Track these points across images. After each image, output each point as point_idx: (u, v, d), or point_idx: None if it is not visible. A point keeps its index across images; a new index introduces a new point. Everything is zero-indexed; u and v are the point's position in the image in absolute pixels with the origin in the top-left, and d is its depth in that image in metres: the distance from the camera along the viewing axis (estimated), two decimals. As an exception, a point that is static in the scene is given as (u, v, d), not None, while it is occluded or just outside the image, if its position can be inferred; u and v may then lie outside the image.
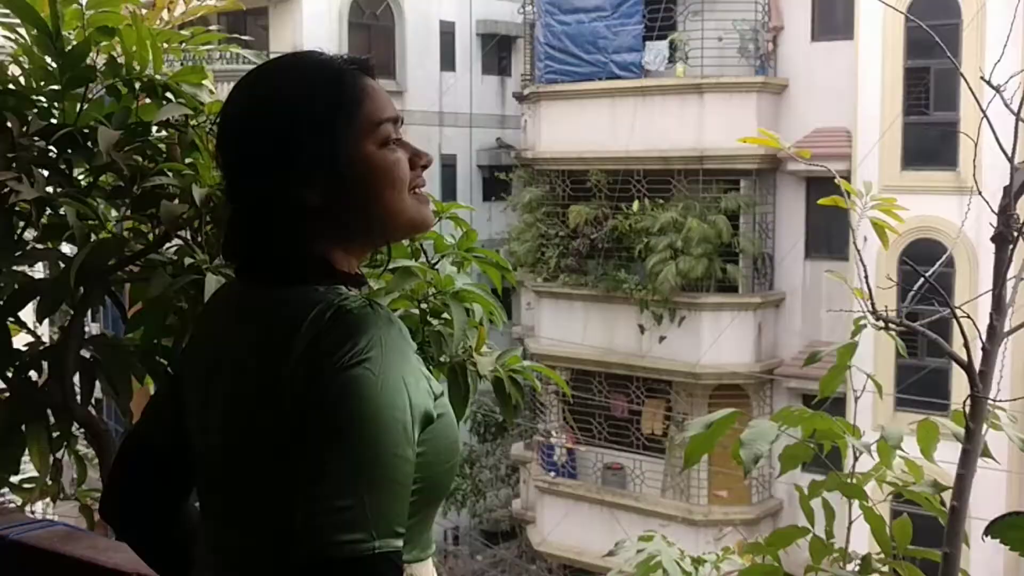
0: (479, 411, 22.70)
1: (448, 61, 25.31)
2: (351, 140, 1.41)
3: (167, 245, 2.91)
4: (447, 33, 25.33)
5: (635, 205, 17.69)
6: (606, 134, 18.07)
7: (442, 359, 2.61)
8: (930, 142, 15.08)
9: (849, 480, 2.17)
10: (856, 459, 2.22)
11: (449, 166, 25.13)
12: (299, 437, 1.30)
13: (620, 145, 17.85)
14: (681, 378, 17.41)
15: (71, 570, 2.21)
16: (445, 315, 2.64)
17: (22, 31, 2.96)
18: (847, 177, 15.38)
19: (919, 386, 14.33)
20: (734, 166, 17.10)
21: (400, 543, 1.28)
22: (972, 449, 1.93)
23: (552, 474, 19.26)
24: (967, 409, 1.96)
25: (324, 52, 1.49)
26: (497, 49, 26.32)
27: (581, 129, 18.38)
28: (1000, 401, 2.01)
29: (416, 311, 2.67)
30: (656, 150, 17.55)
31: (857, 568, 2.17)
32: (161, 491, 1.65)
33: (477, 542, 22.66)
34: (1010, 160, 2.04)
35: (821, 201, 2.57)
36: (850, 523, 2.24)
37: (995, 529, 0.78)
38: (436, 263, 2.83)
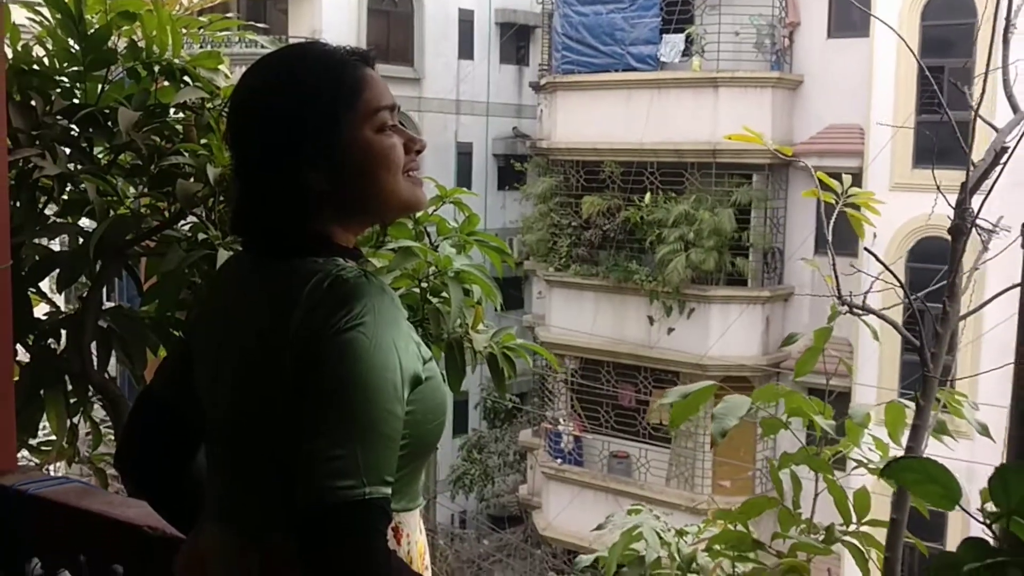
0: (488, 397, 22.86)
1: (466, 49, 25.37)
2: (351, 126, 1.53)
3: (182, 222, 3.04)
4: (466, 21, 25.38)
5: (647, 197, 17.76)
6: (621, 126, 18.14)
7: (440, 335, 2.74)
8: (942, 140, 15.08)
9: (815, 455, 2.30)
10: (825, 436, 2.35)
11: (465, 154, 25.23)
12: (298, 394, 1.43)
13: (635, 137, 17.92)
14: (689, 369, 17.49)
15: (87, 522, 2.34)
16: (444, 294, 2.77)
17: (46, 13, 3.09)
18: (859, 174, 15.45)
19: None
20: (747, 160, 17.15)
21: (389, 491, 1.41)
22: (922, 424, 2.06)
23: (559, 461, 19.40)
24: (919, 388, 2.09)
25: (327, 43, 1.62)
26: (515, 38, 26.37)
27: (596, 120, 18.46)
28: (949, 380, 2.14)
29: (417, 290, 2.80)
30: (670, 143, 17.61)
31: (821, 537, 2.31)
32: (171, 446, 1.78)
33: (484, 526, 22.85)
34: (967, 156, 2.16)
35: (804, 193, 2.69)
36: (816, 495, 2.37)
37: (890, 471, 0.90)
38: (438, 245, 2.96)
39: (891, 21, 15.62)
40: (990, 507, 0.86)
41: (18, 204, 2.83)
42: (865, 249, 2.44)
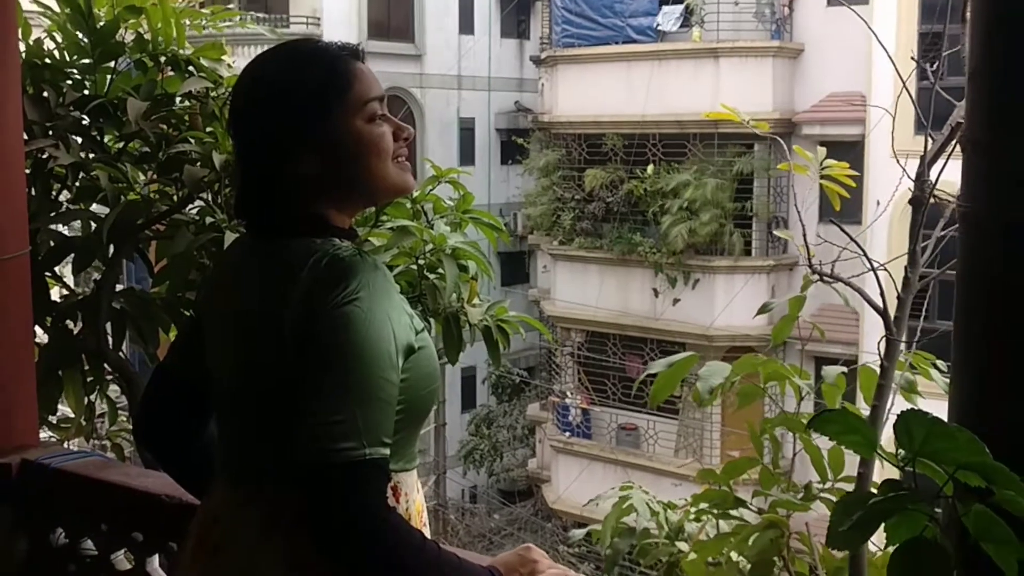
0: (495, 372, 23.03)
1: (467, 24, 25.33)
2: (343, 117, 1.67)
3: (189, 206, 3.18)
4: (466, -4, 25.36)
5: (650, 168, 17.83)
6: (622, 98, 18.18)
7: (437, 310, 2.88)
8: (941, 107, 15.10)
9: (795, 416, 2.43)
10: (802, 399, 2.49)
11: (467, 129, 25.25)
12: (300, 364, 1.57)
13: (636, 109, 17.96)
14: (694, 340, 17.60)
15: (107, 493, 2.48)
16: (440, 270, 2.90)
17: (55, 8, 3.21)
18: (861, 141, 15.49)
19: (930, 349, 14.47)
20: (748, 129, 17.15)
21: (387, 451, 1.55)
22: (885, 384, 2.19)
23: (567, 434, 19.56)
24: (881, 349, 2.22)
25: (320, 40, 1.76)
26: (516, 12, 26.31)
27: (598, 93, 18.50)
28: (904, 341, 2.28)
29: (414, 267, 2.93)
30: (672, 114, 17.64)
31: (801, 496, 2.45)
32: (185, 414, 1.92)
33: (494, 500, 23.04)
34: (926, 129, 2.28)
35: (781, 166, 2.80)
36: (794, 455, 2.50)
37: (815, 423, 1.02)
38: (434, 223, 3.09)
39: (890, -13, 15.63)
40: (903, 452, 0.99)
41: (33, 192, 2.96)
42: (831, 220, 2.55)
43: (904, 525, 0.95)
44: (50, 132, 2.92)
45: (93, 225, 3.21)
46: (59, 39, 3.25)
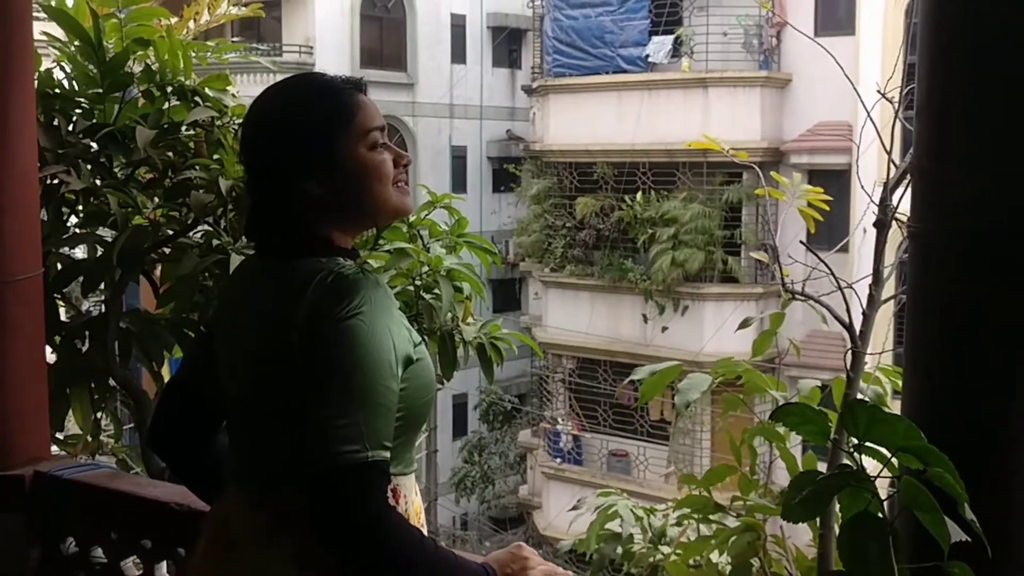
0: (487, 400, 23.09)
1: (459, 54, 25.59)
2: (347, 145, 1.81)
3: (194, 231, 3.31)
4: (458, 26, 25.60)
5: (639, 197, 18.02)
6: (613, 127, 18.41)
7: (433, 329, 3.01)
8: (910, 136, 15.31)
9: (773, 428, 2.56)
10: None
11: (459, 157, 25.44)
12: (307, 374, 1.69)
13: (626, 138, 18.18)
14: (685, 367, 17.66)
15: (117, 502, 2.59)
16: (436, 291, 3.04)
17: (60, 35, 3.36)
18: (848, 170, 15.69)
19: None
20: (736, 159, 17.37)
21: (388, 454, 1.68)
22: (851, 393, 2.33)
23: (558, 460, 19.63)
24: (847, 361, 2.36)
25: (326, 73, 1.90)
26: (507, 42, 26.59)
27: (588, 122, 18.72)
28: (871, 353, 2.41)
29: (411, 287, 3.07)
30: (661, 143, 17.86)
31: (777, 502, 2.58)
32: (195, 425, 2.05)
33: (486, 528, 23.05)
34: (888, 155, 2.43)
35: (758, 191, 2.95)
36: (771, 462, 2.62)
37: (777, 415, 1.15)
38: (430, 246, 3.23)
39: (876, 18, 15.90)
40: (854, 440, 1.12)
41: (45, 216, 3.08)
42: (800, 242, 2.70)
43: (851, 501, 1.08)
44: (61, 159, 3.05)
45: (99, 248, 3.34)
46: (68, 69, 3.38)
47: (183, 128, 3.23)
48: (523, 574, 1.85)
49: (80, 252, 3.72)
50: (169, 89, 3.21)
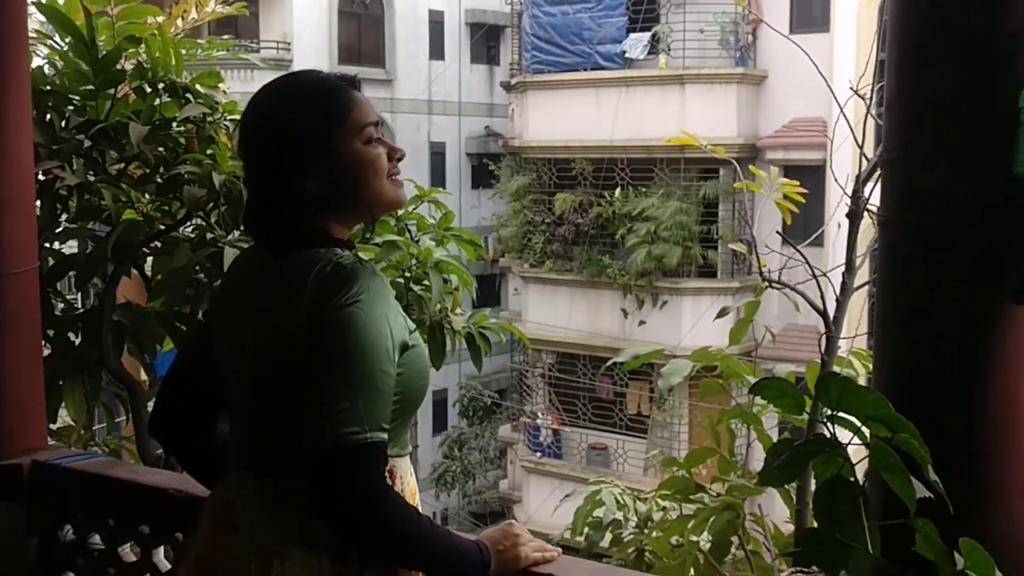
0: (467, 395, 23.16)
1: (437, 50, 25.58)
2: (343, 140, 1.88)
3: (184, 226, 3.37)
4: (436, 22, 25.59)
5: (618, 192, 18.14)
6: (591, 123, 18.50)
7: (423, 319, 3.09)
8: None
9: (750, 410, 2.66)
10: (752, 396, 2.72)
11: (438, 154, 25.45)
12: (308, 360, 1.77)
13: (604, 134, 18.28)
14: (663, 360, 17.81)
15: (116, 489, 2.64)
16: (425, 282, 3.12)
17: (56, 37, 3.41)
18: (823, 165, 15.85)
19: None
20: (713, 155, 17.50)
21: (385, 436, 1.76)
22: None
23: (538, 454, 19.73)
24: (822, 345, 2.46)
25: (321, 72, 1.97)
26: (486, 38, 26.62)
27: (567, 118, 18.81)
28: (844, 337, 2.52)
29: (401, 279, 3.15)
30: (639, 139, 17.96)
31: (755, 482, 2.67)
32: (195, 412, 2.13)
33: (466, 523, 23.10)
34: (860, 149, 2.53)
35: (736, 185, 3.04)
36: (749, 444, 2.72)
37: (754, 388, 1.23)
38: (419, 239, 3.31)
39: (850, 16, 16.06)
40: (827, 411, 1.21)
41: (39, 212, 3.14)
42: (777, 232, 2.80)
43: (825, 466, 1.17)
44: (55, 154, 3.11)
45: (89, 243, 3.39)
46: (59, 66, 3.43)
47: (174, 124, 3.29)
48: (514, 550, 1.94)
49: (69, 248, 3.77)
50: (161, 86, 3.27)
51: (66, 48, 3.33)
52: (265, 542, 1.84)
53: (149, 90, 3.28)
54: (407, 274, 3.11)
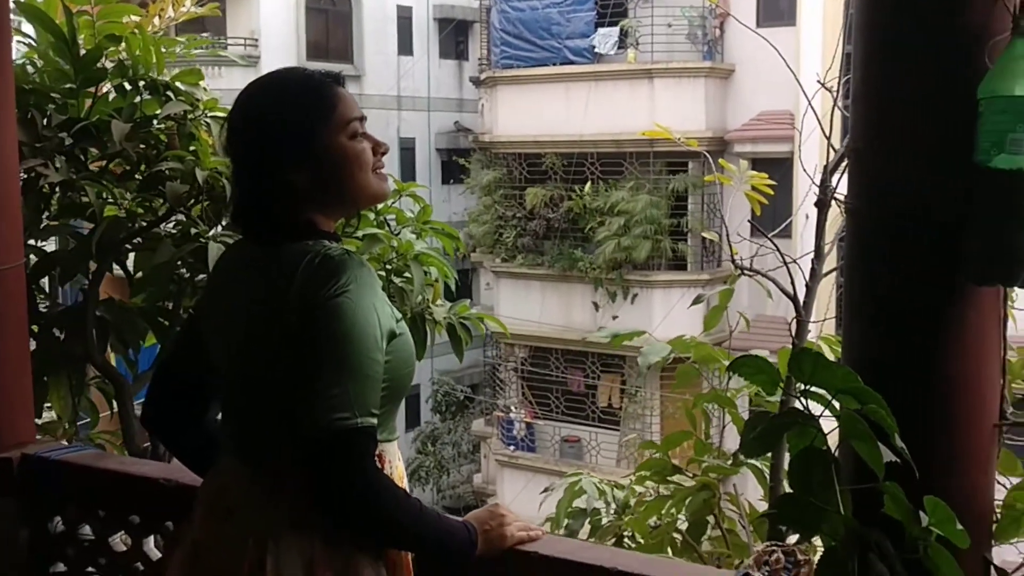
0: (440, 391, 23.20)
1: (405, 45, 25.55)
2: (328, 135, 1.94)
3: (166, 222, 3.41)
4: (404, 18, 25.55)
5: (588, 187, 18.24)
6: (561, 118, 18.60)
7: (404, 311, 3.15)
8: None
9: (724, 394, 2.75)
10: (730, 378, 2.81)
11: (408, 149, 25.42)
12: (298, 349, 1.83)
13: (574, 129, 18.39)
14: (634, 353, 17.84)
15: (107, 480, 2.69)
16: (406, 274, 3.18)
17: (30, 31, 3.44)
18: (791, 158, 16.02)
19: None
20: (683, 148, 17.61)
21: (375, 421, 1.82)
22: (796, 359, 2.52)
23: (512, 448, 19.82)
24: (792, 329, 2.56)
25: (307, 69, 2.03)
26: (454, 34, 26.62)
27: (536, 113, 18.89)
28: (814, 321, 2.61)
29: (382, 272, 3.21)
30: (609, 133, 18.07)
31: (730, 463, 2.77)
32: (186, 402, 2.18)
33: (440, 517, 23.08)
34: (828, 140, 2.63)
35: (707, 178, 3.14)
36: (723, 426, 2.82)
37: (732, 366, 1.31)
38: (398, 233, 3.37)
39: (816, 9, 16.23)
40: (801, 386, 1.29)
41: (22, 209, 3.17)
42: (749, 221, 2.89)
43: (799, 437, 1.26)
44: (38, 152, 3.14)
45: (71, 240, 3.43)
46: (39, 65, 3.46)
47: (155, 122, 3.32)
48: (500, 530, 2.02)
49: (50, 245, 3.80)
50: (141, 84, 3.30)
51: (46, 47, 3.36)
52: (259, 526, 1.89)
53: (129, 88, 3.32)
54: (388, 267, 3.18)
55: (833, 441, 1.35)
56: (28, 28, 3.52)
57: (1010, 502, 1.66)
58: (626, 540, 3.01)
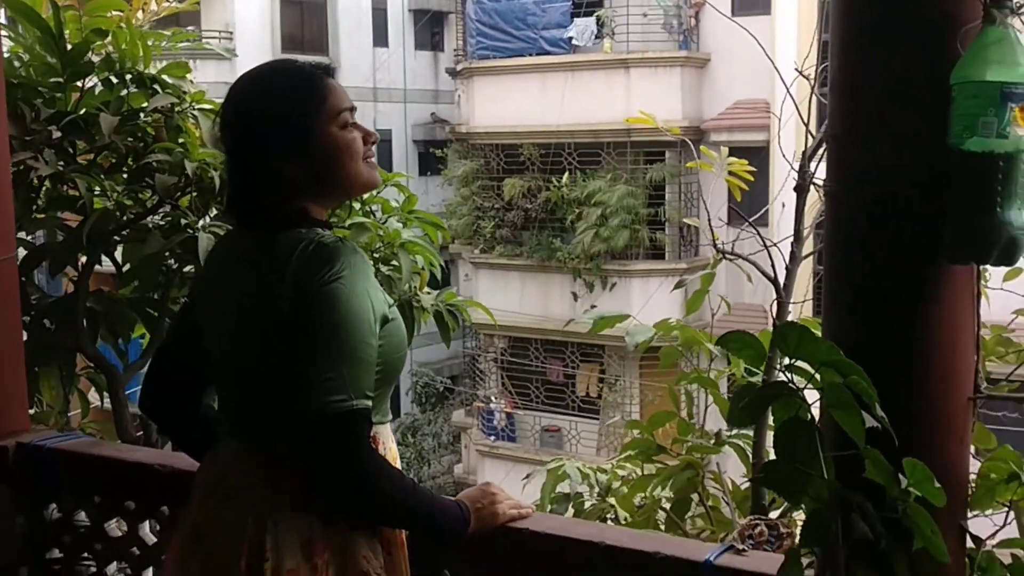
0: (419, 382, 23.23)
1: (381, 37, 25.49)
2: (321, 125, 1.99)
3: (155, 214, 3.45)
4: (379, 9, 25.47)
5: (565, 177, 18.31)
6: (538, 108, 18.62)
7: (392, 298, 3.19)
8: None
9: (707, 375, 2.83)
10: (712, 360, 2.89)
11: (384, 141, 25.33)
12: (294, 335, 1.88)
13: (551, 119, 18.42)
14: (613, 342, 18.04)
15: (102, 467, 2.73)
16: (394, 263, 3.24)
17: (20, 29, 3.46)
18: (766, 147, 16.13)
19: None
20: (660, 138, 17.75)
21: (369, 403, 1.87)
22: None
23: (492, 438, 19.90)
24: (772, 311, 2.63)
25: (298, 60, 2.08)
26: (429, 25, 26.58)
27: (513, 104, 18.92)
28: (794, 303, 2.69)
29: (370, 260, 3.25)
30: (586, 123, 18.13)
31: (713, 442, 2.85)
32: (183, 388, 2.23)
33: (421, 508, 23.12)
34: (806, 127, 2.70)
35: (690, 164, 3.21)
36: (706, 407, 2.89)
37: (720, 342, 1.38)
38: (384, 222, 3.42)
39: (791, -1, 16.33)
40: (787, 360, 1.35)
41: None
42: (731, 207, 2.96)
43: (784, 408, 1.32)
44: (27, 146, 3.17)
45: (59, 233, 3.46)
46: (26, 59, 3.48)
47: (142, 115, 3.36)
48: (492, 508, 2.09)
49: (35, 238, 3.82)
50: (128, 77, 3.33)
51: (32, 41, 3.38)
52: (258, 508, 1.94)
53: (116, 81, 3.35)
54: (376, 255, 3.23)
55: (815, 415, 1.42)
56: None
57: (985, 472, 1.74)
58: (610, 523, 3.08)
